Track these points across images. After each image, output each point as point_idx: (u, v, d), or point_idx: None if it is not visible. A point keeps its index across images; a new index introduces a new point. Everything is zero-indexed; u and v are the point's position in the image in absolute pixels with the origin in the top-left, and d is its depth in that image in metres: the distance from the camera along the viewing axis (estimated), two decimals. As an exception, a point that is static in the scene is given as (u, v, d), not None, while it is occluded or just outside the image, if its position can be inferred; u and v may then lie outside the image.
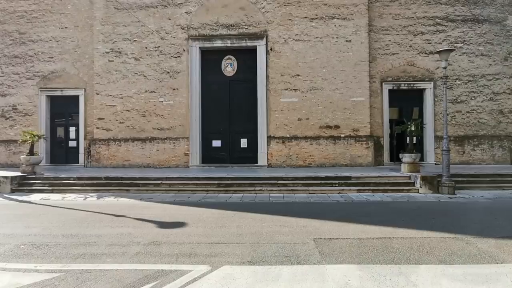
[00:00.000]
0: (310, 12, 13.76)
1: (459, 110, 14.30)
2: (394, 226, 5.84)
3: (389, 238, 5.09)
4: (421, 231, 5.47)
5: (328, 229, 5.71)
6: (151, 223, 6.20)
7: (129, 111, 14.23)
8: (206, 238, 5.22)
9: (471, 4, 14.28)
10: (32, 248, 4.73)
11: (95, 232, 5.57)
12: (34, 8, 15.08)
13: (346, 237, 5.19)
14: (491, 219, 6.51)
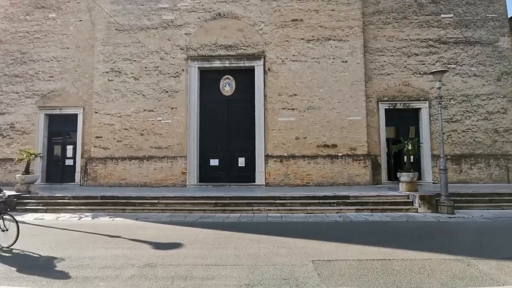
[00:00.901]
0: (307, 34, 14.13)
1: (454, 129, 14.43)
2: (393, 247, 5.75)
3: (389, 260, 5.01)
4: (421, 252, 5.39)
5: (327, 250, 5.62)
6: (146, 244, 6.08)
7: (127, 129, 14.26)
8: (203, 259, 5.11)
9: (462, 27, 14.73)
10: (22, 271, 4.60)
11: (88, 254, 5.44)
12: (36, 29, 15.39)
13: (345, 259, 5.10)
14: (491, 240, 6.44)
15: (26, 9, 15.54)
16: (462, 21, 14.72)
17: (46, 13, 15.40)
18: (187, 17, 14.44)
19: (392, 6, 14.83)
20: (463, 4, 14.77)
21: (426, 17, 14.76)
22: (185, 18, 14.44)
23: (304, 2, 14.25)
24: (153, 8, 14.56)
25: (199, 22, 14.40)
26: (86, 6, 15.18)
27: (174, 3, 14.52)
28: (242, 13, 14.30)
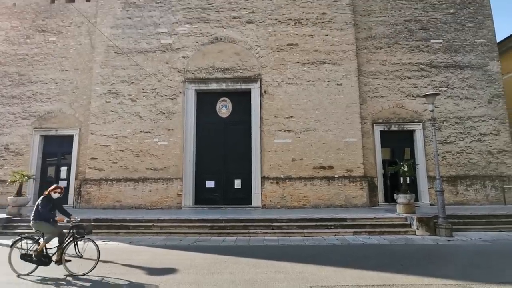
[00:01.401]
0: (302, 58, 14.49)
1: (449, 150, 14.56)
2: (393, 271, 5.64)
3: (389, 286, 4.89)
4: (422, 277, 5.28)
5: (325, 275, 5.48)
6: (139, 270, 5.90)
7: (123, 151, 14.20)
8: (197, 286, 4.95)
9: (452, 52, 15.21)
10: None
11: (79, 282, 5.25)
12: (36, 51, 15.62)
13: (344, 284, 4.97)
14: (491, 263, 6.35)
15: (27, 32, 15.83)
16: (451, 46, 15.23)
17: (47, 37, 15.69)
18: (185, 41, 14.80)
19: (384, 32, 15.36)
20: (451, 30, 15.33)
21: (417, 43, 15.26)
22: (183, 42, 14.79)
23: (299, 27, 14.72)
24: (152, 32, 14.92)
25: (197, 46, 14.75)
26: (86, 30, 15.53)
27: (172, 27, 14.92)
28: (239, 38, 14.71)
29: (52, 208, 6.09)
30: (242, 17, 14.84)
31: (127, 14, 15.13)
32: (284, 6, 14.90)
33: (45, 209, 5.97)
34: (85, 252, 5.73)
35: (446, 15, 15.46)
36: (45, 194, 6.21)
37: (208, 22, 14.86)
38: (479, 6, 15.53)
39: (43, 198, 6.13)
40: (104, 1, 15.26)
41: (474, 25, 15.37)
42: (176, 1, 15.12)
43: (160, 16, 15.04)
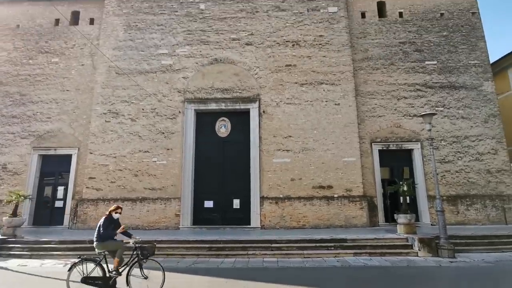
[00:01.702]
0: (300, 78, 14.75)
1: (448, 169, 14.56)
2: (395, 295, 5.50)
3: (392, 310, 4.75)
4: (425, 302, 5.14)
5: (326, 299, 5.33)
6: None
7: (121, 170, 14.13)
8: (195, 311, 4.79)
9: (446, 73, 15.53)
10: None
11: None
12: (39, 72, 15.85)
13: (346, 309, 4.83)
14: (495, 286, 6.20)
15: (30, 53, 16.12)
16: (445, 67, 15.57)
17: (50, 58, 15.98)
18: (185, 62, 15.09)
19: (380, 53, 15.73)
20: (445, 52, 15.72)
21: (412, 64, 15.61)
22: (183, 63, 15.08)
23: (297, 49, 15.07)
24: (153, 53, 15.24)
25: (197, 66, 15.03)
26: (89, 52, 15.85)
27: (173, 49, 15.25)
28: (238, 59, 15.02)
29: (114, 229, 6.02)
30: (241, 39, 15.23)
31: (129, 36, 15.50)
32: (282, 28, 15.33)
33: (108, 230, 5.93)
34: (149, 273, 5.57)
35: (439, 37, 15.91)
36: (106, 215, 6.16)
37: (208, 43, 15.23)
38: (471, 29, 16.01)
39: (105, 219, 6.06)
40: (107, 24, 15.67)
41: (467, 47, 15.79)
42: (177, 24, 15.54)
43: (161, 38, 15.41)
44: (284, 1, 15.68)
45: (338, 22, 15.39)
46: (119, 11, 15.83)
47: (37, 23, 16.55)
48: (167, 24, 15.57)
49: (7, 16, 16.73)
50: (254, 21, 15.43)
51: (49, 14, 16.45)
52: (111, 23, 15.67)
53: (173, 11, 15.71)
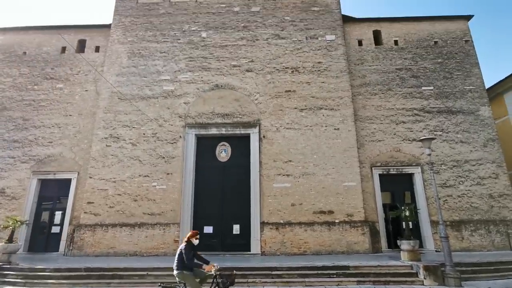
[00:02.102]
0: (300, 104, 15.00)
1: (449, 194, 14.45)
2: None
3: None
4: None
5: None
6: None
7: (120, 195, 14.02)
8: None
9: (443, 98, 15.80)
10: None
11: None
12: (43, 97, 16.13)
13: None
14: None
15: (35, 79, 16.49)
16: (442, 93, 15.87)
17: (54, 84, 16.33)
18: (186, 87, 15.41)
19: (377, 79, 16.10)
20: (441, 78, 16.09)
21: (409, 89, 15.93)
22: (185, 88, 15.40)
23: (296, 75, 15.44)
24: (156, 79, 15.59)
25: (198, 92, 15.33)
26: (93, 78, 16.23)
27: (175, 75, 15.62)
28: (238, 85, 15.35)
29: (193, 255, 5.93)
30: (242, 66, 15.64)
31: (133, 63, 15.93)
32: (281, 55, 15.79)
33: (189, 257, 5.85)
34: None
35: (434, 64, 16.35)
36: (186, 242, 6.08)
37: (209, 70, 15.63)
38: (465, 56, 16.48)
39: (186, 245, 5.98)
40: (112, 51, 16.16)
41: (462, 73, 16.18)
42: (179, 51, 16.02)
43: (164, 64, 15.83)
44: (283, 29, 16.26)
45: (336, 50, 15.87)
46: (124, 39, 16.37)
47: (44, 50, 17.06)
48: (170, 51, 16.05)
49: (14, 43, 17.29)
50: (254, 48, 15.92)
51: (56, 42, 17.00)
52: (116, 50, 16.15)
53: (176, 39, 16.26)
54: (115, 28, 16.58)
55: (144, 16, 16.81)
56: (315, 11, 16.61)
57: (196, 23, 16.54)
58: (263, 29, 16.27)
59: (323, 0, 16.84)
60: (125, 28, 16.57)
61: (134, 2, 17.12)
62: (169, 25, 16.55)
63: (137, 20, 16.73)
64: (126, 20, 16.74)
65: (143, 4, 17.09)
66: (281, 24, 16.36)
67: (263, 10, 16.67)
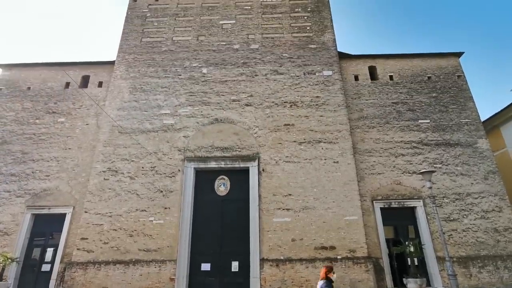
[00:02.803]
0: (299, 137, 15.10)
1: (454, 228, 14.10)
2: None
3: None
4: None
5: None
6: None
7: (116, 230, 13.64)
8: None
9: (440, 131, 15.97)
10: None
11: None
12: (44, 131, 16.23)
13: None
14: None
15: (38, 114, 16.70)
16: (438, 126, 16.07)
17: (56, 118, 16.52)
18: (186, 121, 15.59)
19: (375, 113, 16.37)
20: (436, 112, 16.38)
21: (406, 122, 16.14)
22: (184, 122, 15.58)
23: (294, 109, 15.71)
24: (156, 113, 15.81)
25: (197, 126, 15.49)
26: (94, 112, 16.46)
27: (175, 109, 15.88)
28: (237, 119, 15.56)
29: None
30: (241, 100, 15.96)
31: (134, 97, 16.25)
32: (280, 90, 16.17)
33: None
34: None
35: (429, 98, 16.73)
36: (324, 278, 5.91)
37: (209, 104, 15.91)
38: (458, 91, 16.92)
39: (326, 282, 5.82)
40: (114, 86, 16.55)
41: (457, 106, 16.51)
42: (180, 86, 16.42)
43: (165, 99, 16.15)
44: (281, 65, 16.82)
45: (333, 84, 16.30)
46: (126, 75, 16.85)
47: (48, 85, 17.46)
48: (171, 86, 16.45)
49: (19, 78, 17.72)
50: (254, 83, 16.35)
51: (60, 78, 17.46)
52: (118, 85, 16.56)
53: (177, 74, 16.74)
54: (119, 65, 17.13)
55: (147, 53, 17.45)
56: (312, 48, 17.29)
57: (197, 59, 17.13)
58: (262, 65, 16.83)
59: (319, 38, 17.60)
60: (128, 64, 17.12)
61: (138, 41, 17.85)
62: (171, 61, 17.12)
63: (140, 57, 17.34)
64: (129, 57, 17.34)
65: (146, 42, 17.82)
66: (279, 60, 16.95)
67: (262, 48, 17.35)
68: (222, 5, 18.89)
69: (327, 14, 18.39)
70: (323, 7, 18.63)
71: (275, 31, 17.92)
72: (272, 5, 18.82)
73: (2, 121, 16.56)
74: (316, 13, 18.44)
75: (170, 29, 18.20)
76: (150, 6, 19.09)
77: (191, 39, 17.80)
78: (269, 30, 17.94)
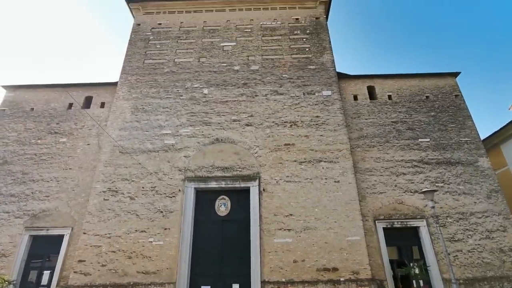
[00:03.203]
0: (299, 157, 15.11)
1: (459, 249, 13.82)
2: None
3: None
4: None
5: None
6: None
7: (114, 252, 13.40)
8: None
9: (440, 150, 15.98)
10: None
11: None
12: (45, 151, 16.30)
13: None
14: None
15: (40, 134, 16.83)
16: (438, 144, 16.10)
17: (58, 138, 16.63)
18: (187, 141, 15.67)
19: (374, 132, 16.46)
20: (435, 131, 16.47)
21: (406, 141, 16.19)
22: (185, 142, 15.65)
23: (294, 129, 15.82)
24: (157, 134, 15.92)
25: (198, 146, 15.55)
26: (96, 132, 16.59)
27: (176, 129, 15.99)
28: (238, 139, 15.63)
29: None
30: (242, 120, 16.10)
31: (136, 118, 16.42)
32: (280, 110, 16.35)
33: None
34: None
35: (428, 117, 16.86)
36: None
37: (209, 124, 16.05)
38: (457, 110, 17.07)
39: None
40: (116, 107, 16.76)
41: (456, 125, 16.61)
42: (181, 107, 16.63)
43: (166, 119, 16.30)
44: (281, 86, 17.09)
45: (332, 104, 16.48)
46: (129, 95, 17.10)
47: (51, 106, 17.70)
48: (172, 106, 16.65)
49: (23, 100, 17.99)
50: (254, 104, 16.56)
51: (64, 99, 17.73)
52: (120, 106, 16.77)
53: (179, 95, 16.99)
54: (121, 86, 17.42)
55: (150, 74, 17.79)
56: (311, 69, 17.63)
57: (198, 80, 17.44)
58: (262, 85, 17.10)
59: (318, 59, 17.98)
60: (130, 85, 17.42)
61: (141, 62, 18.25)
62: (173, 82, 17.43)
63: (142, 78, 17.67)
64: (132, 78, 17.67)
65: (149, 64, 18.21)
66: (279, 81, 17.24)
67: (262, 69, 17.70)
68: (223, 28, 19.45)
69: (325, 36, 18.89)
70: (321, 30, 19.15)
71: (275, 52, 18.34)
72: (271, 27, 19.36)
73: (4, 141, 16.67)
74: (314, 35, 18.94)
75: (172, 51, 18.65)
76: (153, 29, 19.66)
77: (193, 60, 18.20)
78: (269, 52, 18.37)
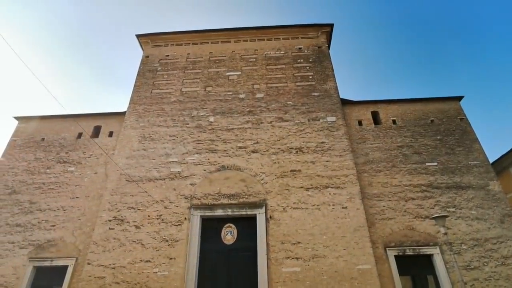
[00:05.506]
0: (306, 183, 14.99)
1: (476, 277, 13.20)
2: None
3: None
4: None
5: None
6: None
7: (118, 283, 13.08)
8: None
9: (449, 173, 15.74)
10: None
11: None
12: (53, 180, 16.46)
13: None
14: None
15: (49, 163, 17.08)
16: (447, 168, 15.88)
17: (66, 167, 16.85)
18: (193, 169, 15.73)
19: (380, 156, 16.37)
20: (443, 154, 16.31)
21: (413, 165, 16.02)
22: (192, 170, 15.71)
23: (300, 155, 15.83)
24: (164, 162, 16.05)
25: (204, 173, 15.57)
26: (104, 161, 16.79)
27: (183, 157, 16.12)
28: (244, 166, 15.66)
29: None
30: (247, 147, 16.20)
31: (143, 146, 16.65)
32: (285, 137, 16.46)
33: None
34: None
35: (434, 141, 16.78)
36: None
37: (215, 152, 16.17)
38: (463, 133, 17.00)
39: None
40: (124, 136, 17.07)
41: (463, 149, 16.45)
42: (188, 135, 16.87)
43: (172, 147, 16.49)
44: (286, 113, 17.33)
45: (337, 130, 16.58)
46: (136, 124, 17.46)
47: (61, 136, 18.10)
48: (179, 135, 16.91)
49: (35, 130, 18.47)
50: (259, 131, 16.73)
51: (73, 128, 18.15)
52: (127, 135, 17.08)
53: (185, 123, 17.30)
54: (129, 115, 17.85)
55: (157, 103, 18.25)
56: (315, 96, 17.94)
57: (204, 109, 17.81)
58: (267, 113, 17.37)
59: (322, 86, 18.33)
60: (138, 114, 17.84)
61: (149, 92, 18.79)
62: (179, 111, 17.81)
63: (150, 107, 18.11)
64: (140, 107, 18.13)
65: (156, 93, 18.74)
66: (284, 108, 17.51)
67: (267, 97, 18.06)
68: (228, 58, 20.13)
69: (328, 63, 19.38)
70: (324, 58, 19.69)
71: (279, 80, 18.79)
72: (275, 57, 19.98)
73: (14, 171, 16.92)
74: (317, 63, 19.45)
75: (179, 81, 19.23)
76: (161, 60, 20.43)
77: (199, 90, 18.70)
78: (273, 80, 18.83)
